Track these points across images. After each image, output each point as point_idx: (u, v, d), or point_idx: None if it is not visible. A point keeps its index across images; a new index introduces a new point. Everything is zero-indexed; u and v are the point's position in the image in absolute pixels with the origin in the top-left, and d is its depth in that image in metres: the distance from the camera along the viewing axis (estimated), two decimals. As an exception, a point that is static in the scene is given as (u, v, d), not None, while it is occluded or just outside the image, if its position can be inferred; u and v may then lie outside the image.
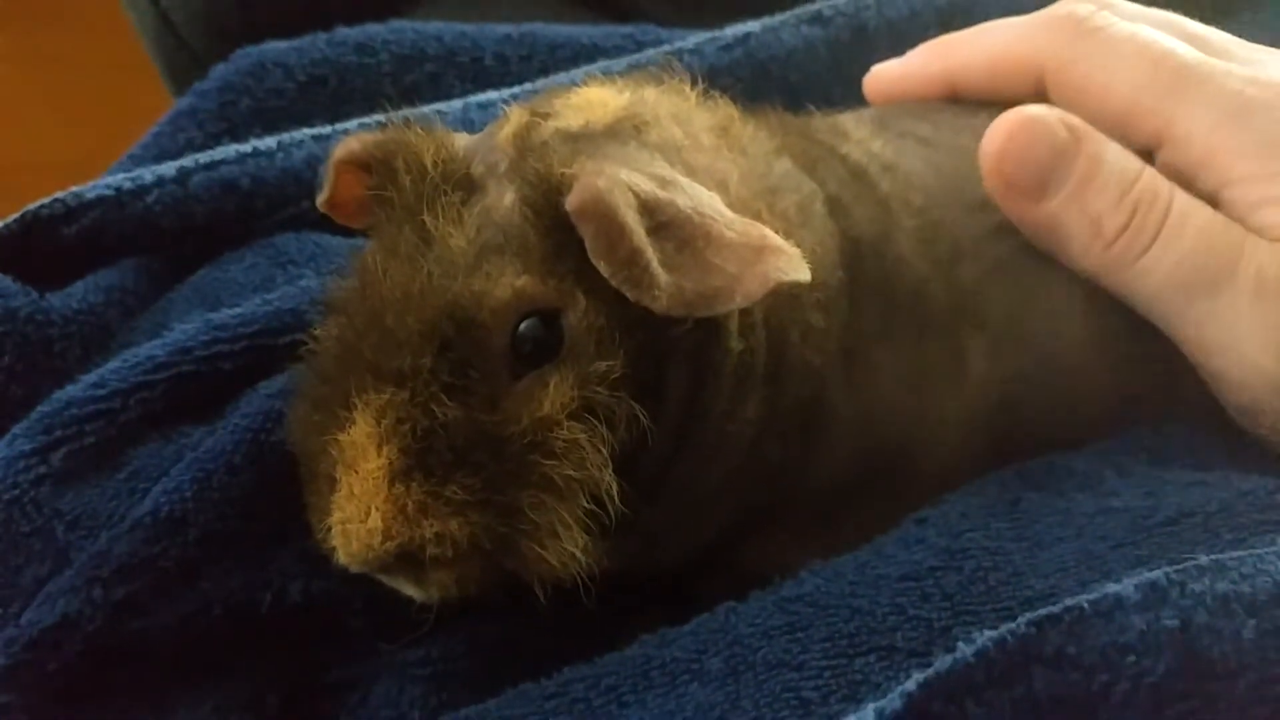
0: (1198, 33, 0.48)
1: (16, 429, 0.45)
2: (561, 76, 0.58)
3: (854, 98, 0.55)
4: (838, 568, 0.41)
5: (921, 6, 0.63)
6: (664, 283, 0.36)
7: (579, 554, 0.38)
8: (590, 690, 0.39)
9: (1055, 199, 0.45)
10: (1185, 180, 0.46)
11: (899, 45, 0.55)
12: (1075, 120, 0.46)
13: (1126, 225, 0.45)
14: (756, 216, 0.41)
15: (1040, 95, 0.49)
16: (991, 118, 0.48)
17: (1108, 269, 0.45)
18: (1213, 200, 0.46)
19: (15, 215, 0.52)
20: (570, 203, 0.37)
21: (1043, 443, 0.45)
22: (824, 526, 0.44)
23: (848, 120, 0.50)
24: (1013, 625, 0.33)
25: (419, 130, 0.41)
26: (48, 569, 0.43)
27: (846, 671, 0.37)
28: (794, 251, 0.37)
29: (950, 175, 0.47)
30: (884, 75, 0.53)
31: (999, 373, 0.45)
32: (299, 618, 0.43)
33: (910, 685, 0.33)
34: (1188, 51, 0.46)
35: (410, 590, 0.39)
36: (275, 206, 0.55)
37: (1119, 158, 0.45)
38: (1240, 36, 0.49)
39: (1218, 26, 0.49)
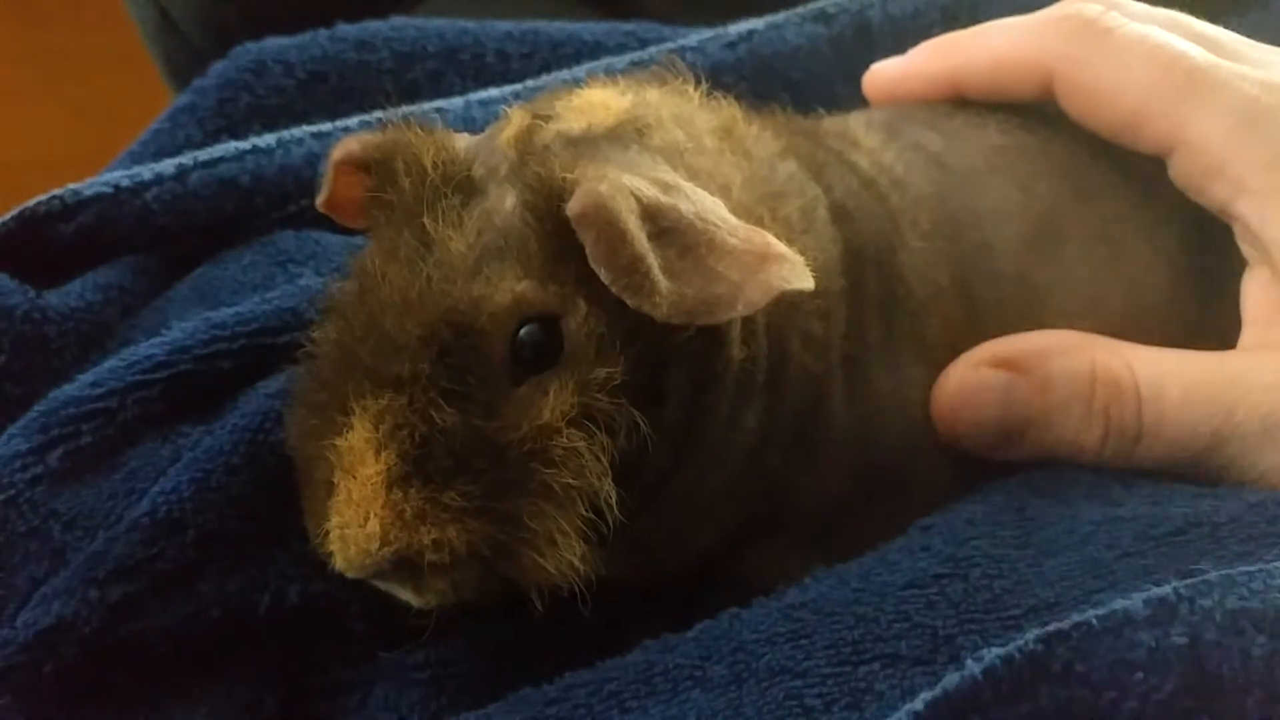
0: (1208, 34, 0.48)
1: (13, 428, 0.45)
2: (563, 74, 0.58)
3: (858, 96, 0.54)
4: (842, 574, 0.40)
5: (925, 4, 0.62)
6: (665, 290, 0.36)
7: (577, 562, 0.37)
8: (592, 696, 0.39)
9: (1026, 441, 0.44)
10: (1197, 190, 0.46)
11: (903, 43, 0.54)
12: (1007, 349, 0.44)
13: (1105, 434, 0.43)
14: (759, 222, 0.40)
15: (1046, 96, 0.48)
16: (999, 128, 0.47)
17: (1113, 466, 0.44)
18: (1225, 212, 0.45)
19: (12, 212, 0.52)
20: (571, 208, 0.37)
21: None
22: (825, 536, 0.44)
23: (858, 126, 0.49)
24: (1020, 642, 0.33)
25: (419, 131, 0.41)
26: (44, 570, 0.43)
27: (850, 679, 0.37)
28: (797, 259, 0.37)
29: (957, 206, 0.47)
30: (884, 74, 0.53)
31: None
32: (297, 620, 0.43)
33: (917, 705, 0.33)
34: (1200, 54, 0.45)
35: (408, 596, 0.39)
36: (275, 204, 0.54)
37: (1066, 365, 0.43)
38: (1249, 37, 0.48)
39: (1226, 26, 0.49)
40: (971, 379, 0.44)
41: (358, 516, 0.37)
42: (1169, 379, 0.43)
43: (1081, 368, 0.43)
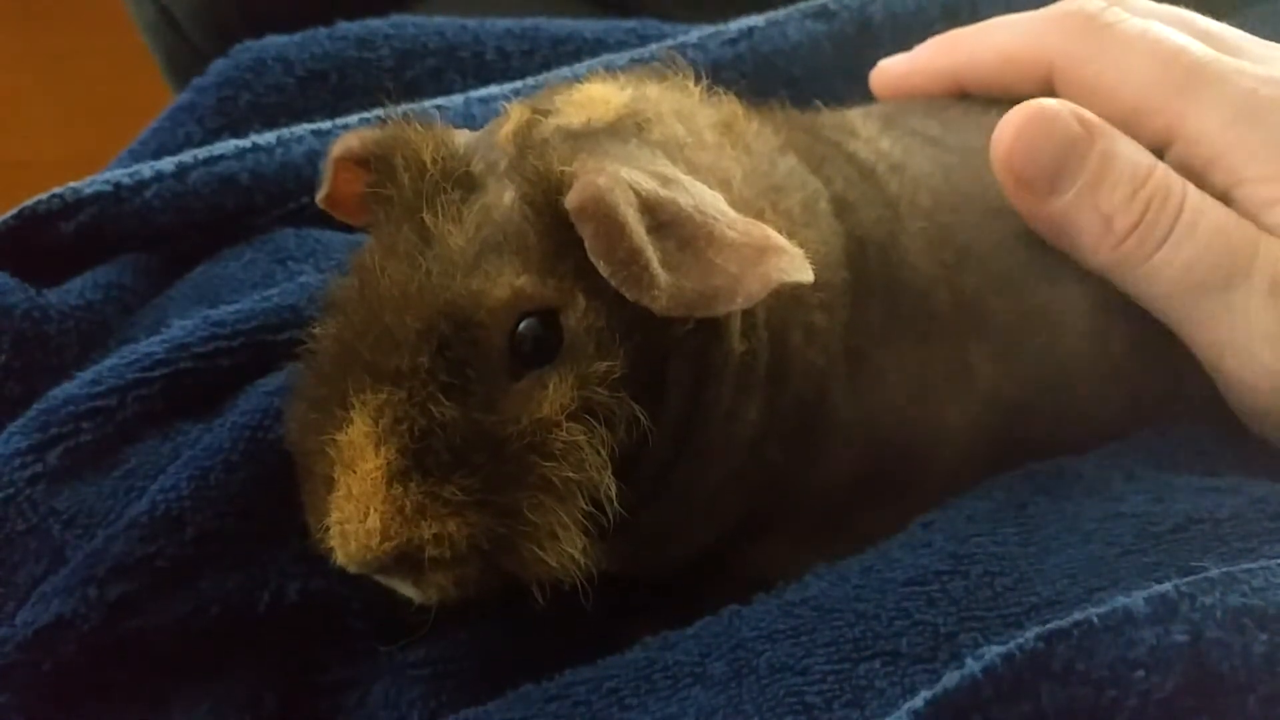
0: (1209, 29, 0.48)
1: (13, 426, 0.45)
2: (564, 71, 0.58)
3: (859, 92, 0.54)
4: (843, 571, 0.40)
5: (927, 1, 0.62)
6: (664, 282, 0.36)
7: (578, 556, 0.37)
8: (592, 692, 0.39)
9: (1066, 195, 0.44)
10: (1196, 179, 0.46)
11: (904, 40, 0.54)
12: (1088, 114, 0.45)
13: (1138, 223, 0.44)
14: (759, 215, 0.40)
15: (1049, 92, 0.48)
16: (1001, 116, 0.47)
17: (1119, 267, 0.45)
18: (1224, 200, 0.45)
19: (13, 211, 0.52)
20: (570, 201, 0.37)
21: (1049, 450, 0.45)
22: (827, 530, 0.44)
23: (855, 117, 0.50)
24: (1021, 640, 0.33)
25: (418, 127, 0.41)
26: (43, 568, 0.43)
27: (850, 676, 0.37)
28: (797, 252, 0.37)
29: (959, 179, 0.47)
30: (891, 71, 0.53)
31: (1005, 380, 0.45)
32: (297, 617, 0.43)
33: (918, 703, 0.33)
34: (1200, 49, 0.46)
35: (408, 591, 0.39)
36: (274, 202, 0.54)
37: (1132, 153, 0.45)
38: (1252, 32, 0.48)
39: (1228, 23, 0.49)
40: (1051, 112, 0.44)
41: (358, 511, 0.37)
42: (1212, 208, 0.44)
43: (1144, 160, 0.45)
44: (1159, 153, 0.46)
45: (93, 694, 0.42)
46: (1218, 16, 0.49)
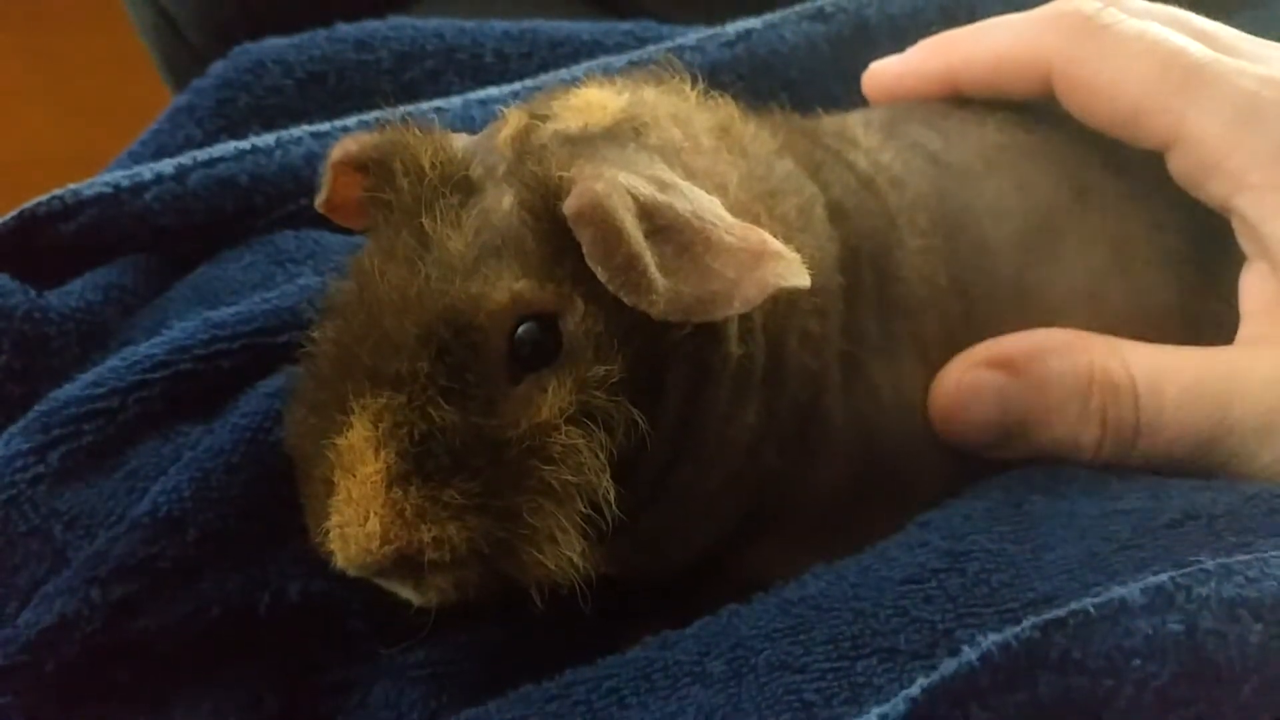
0: (1206, 29, 0.48)
1: (14, 428, 0.45)
2: (562, 73, 0.58)
3: (855, 94, 0.54)
4: (840, 570, 0.40)
5: (923, 2, 0.62)
6: (661, 287, 0.36)
7: (577, 559, 0.37)
8: (591, 692, 0.39)
9: (1025, 440, 0.44)
10: (1196, 184, 0.46)
11: (901, 41, 0.54)
12: (1004, 350, 0.44)
13: (1103, 433, 0.43)
14: (756, 220, 0.40)
15: (1045, 93, 0.48)
16: (998, 126, 0.47)
17: (1112, 464, 0.44)
18: (1224, 207, 0.45)
19: (13, 213, 0.52)
20: (568, 207, 0.37)
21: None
22: (824, 532, 0.44)
23: (856, 125, 0.49)
24: (1017, 629, 0.33)
25: (417, 131, 0.41)
26: (45, 569, 0.43)
27: (849, 674, 0.37)
28: (794, 257, 0.37)
29: (955, 205, 0.47)
30: (884, 72, 0.53)
31: None
32: (297, 618, 0.43)
33: (914, 690, 0.33)
34: (1198, 49, 0.45)
35: (408, 594, 0.39)
36: (274, 204, 0.54)
37: (1064, 364, 0.43)
38: (1249, 33, 0.48)
39: (1226, 23, 0.49)
40: (968, 379, 0.44)
41: (358, 515, 0.37)
42: (1166, 376, 0.43)
43: (1078, 367, 0.43)
44: (1159, 155, 0.46)
45: (94, 695, 0.42)
46: (1215, 18, 0.49)
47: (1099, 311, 0.46)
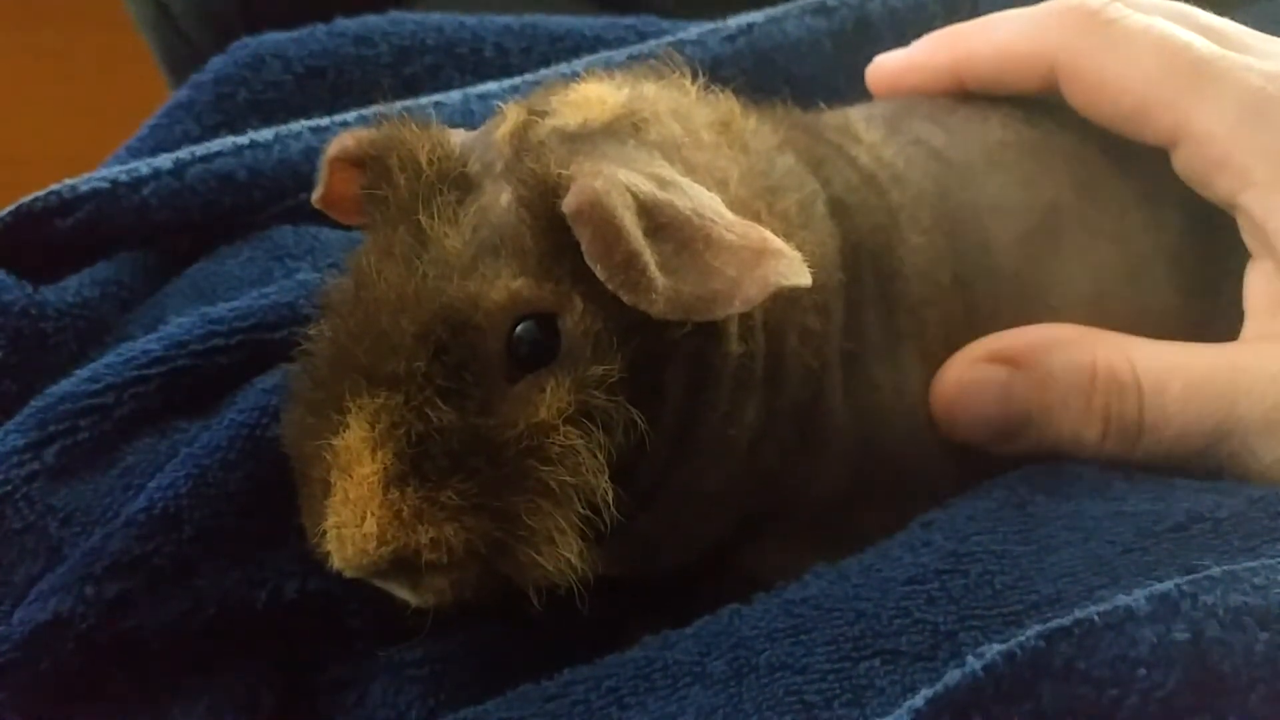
0: (1213, 25, 0.47)
1: (10, 424, 0.45)
2: (562, 68, 0.58)
3: (858, 89, 0.54)
4: (843, 570, 0.40)
5: (927, -4, 0.62)
6: (661, 286, 0.36)
7: (575, 560, 0.37)
8: (591, 692, 0.39)
9: (1026, 436, 0.43)
10: (1201, 181, 0.45)
11: (903, 36, 0.54)
12: (1007, 344, 0.44)
13: (1106, 429, 0.43)
14: (756, 216, 0.40)
15: (1050, 88, 0.48)
16: (1002, 122, 0.47)
17: (1115, 461, 0.43)
18: (1229, 204, 0.45)
19: (10, 208, 0.52)
20: (567, 205, 0.37)
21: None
22: (825, 532, 0.44)
23: (858, 121, 0.49)
24: (1022, 639, 0.33)
25: (414, 127, 0.41)
26: (40, 566, 0.43)
27: (850, 675, 0.37)
28: (795, 255, 0.37)
29: (957, 203, 0.46)
30: (888, 66, 0.52)
31: None
32: (295, 616, 0.43)
33: (918, 701, 0.32)
34: (1205, 45, 0.45)
35: (406, 595, 0.39)
36: (272, 199, 0.54)
37: (1068, 359, 0.43)
38: (1257, 29, 0.48)
39: (1233, 19, 0.48)
40: (970, 375, 0.43)
41: (355, 516, 0.37)
42: (1170, 373, 0.43)
43: (1082, 363, 0.43)
44: (1165, 152, 0.46)
45: (90, 692, 0.42)
46: (1221, 13, 0.49)
47: (1101, 309, 0.46)
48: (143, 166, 0.53)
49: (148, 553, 0.42)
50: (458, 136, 0.42)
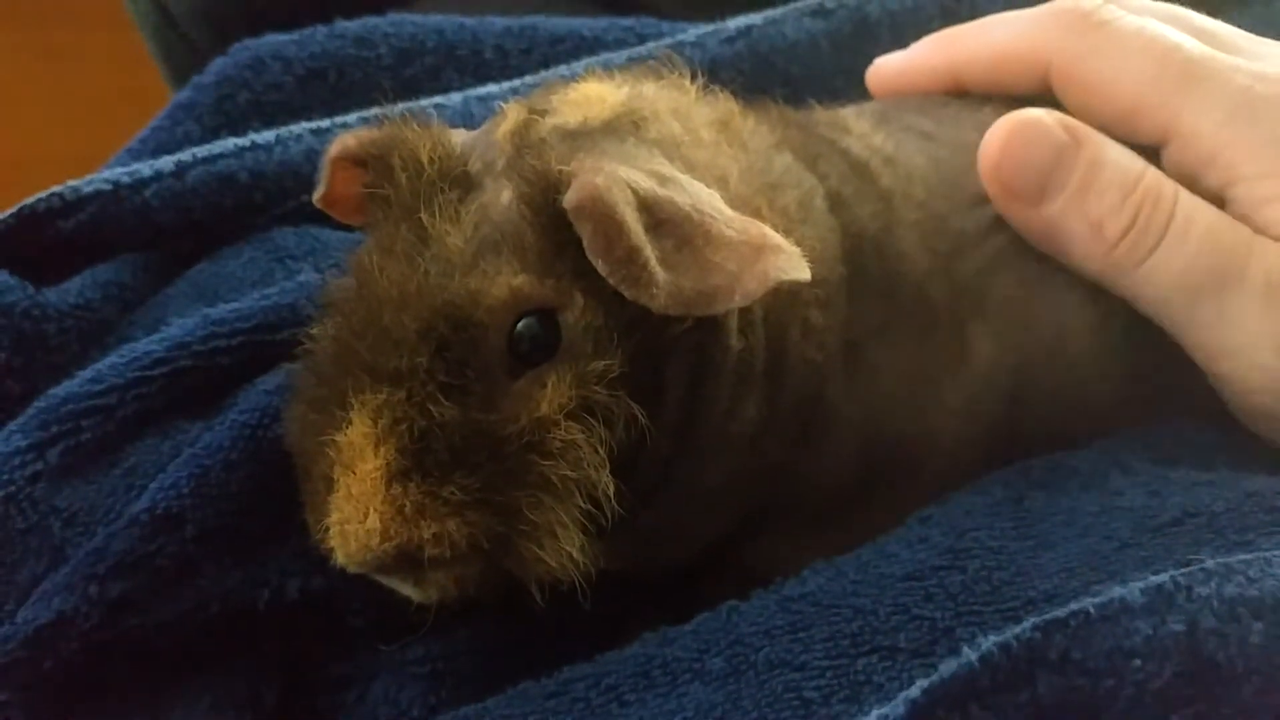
0: (1205, 26, 0.48)
1: (13, 425, 0.45)
2: (562, 69, 0.58)
3: (856, 90, 0.54)
4: (840, 567, 0.40)
5: (925, -1, 0.62)
6: (662, 281, 0.36)
7: (576, 554, 0.37)
8: (591, 689, 0.39)
9: (1055, 203, 0.45)
10: (1191, 178, 0.46)
11: (901, 37, 0.54)
12: (1074, 123, 0.45)
13: (1129, 228, 0.44)
14: (756, 213, 0.40)
15: (1045, 89, 0.48)
16: (996, 112, 0.47)
17: (1112, 273, 0.45)
18: (1219, 199, 0.45)
19: (12, 209, 0.52)
20: (568, 201, 0.37)
21: (1048, 434, 0.45)
22: (826, 527, 0.44)
23: (849, 114, 0.50)
24: (1018, 630, 0.33)
25: (415, 127, 0.41)
26: (44, 566, 0.43)
27: (849, 671, 0.37)
28: (794, 250, 0.37)
29: (950, 169, 0.47)
30: (887, 68, 0.53)
31: (1003, 359, 0.45)
32: (297, 615, 0.43)
33: (914, 691, 0.33)
34: (1195, 46, 0.46)
35: (409, 591, 0.39)
36: (273, 200, 0.54)
37: (1121, 159, 0.45)
38: (1249, 32, 0.48)
39: (1227, 22, 0.49)
40: (1037, 121, 0.45)
41: (358, 512, 0.37)
42: (1206, 211, 0.44)
43: (1134, 165, 0.45)
44: (1155, 151, 0.46)
45: (93, 691, 0.42)
46: (1215, 16, 0.49)
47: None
48: (145, 168, 0.53)
49: (150, 553, 0.42)
50: (458, 136, 0.42)
